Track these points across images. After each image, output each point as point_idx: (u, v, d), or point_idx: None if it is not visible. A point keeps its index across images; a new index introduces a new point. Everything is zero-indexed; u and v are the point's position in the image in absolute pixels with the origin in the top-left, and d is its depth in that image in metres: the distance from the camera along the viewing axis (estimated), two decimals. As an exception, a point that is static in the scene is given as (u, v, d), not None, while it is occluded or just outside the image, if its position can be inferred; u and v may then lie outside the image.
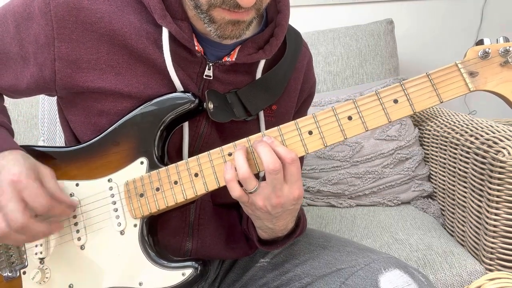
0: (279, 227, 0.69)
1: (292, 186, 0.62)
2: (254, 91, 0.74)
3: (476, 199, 1.04)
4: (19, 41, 0.70)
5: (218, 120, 0.70)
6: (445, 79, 0.62)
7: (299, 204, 0.66)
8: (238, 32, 0.65)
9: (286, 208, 0.64)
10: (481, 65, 0.63)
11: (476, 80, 0.63)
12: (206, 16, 0.63)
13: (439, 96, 0.62)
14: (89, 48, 0.67)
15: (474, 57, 0.63)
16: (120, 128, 0.70)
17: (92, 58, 0.68)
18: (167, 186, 0.66)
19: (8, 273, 0.70)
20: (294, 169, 0.61)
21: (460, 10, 1.83)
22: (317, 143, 0.63)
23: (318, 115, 0.63)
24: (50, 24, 0.67)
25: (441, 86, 0.62)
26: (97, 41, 0.67)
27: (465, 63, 0.63)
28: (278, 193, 0.61)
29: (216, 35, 0.65)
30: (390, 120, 0.63)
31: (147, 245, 0.67)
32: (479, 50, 0.63)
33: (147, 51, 0.68)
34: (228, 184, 0.62)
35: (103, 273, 0.68)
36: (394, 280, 0.65)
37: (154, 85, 0.69)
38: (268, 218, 0.66)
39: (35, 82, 0.70)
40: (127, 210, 0.68)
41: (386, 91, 0.63)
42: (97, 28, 0.67)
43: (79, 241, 0.69)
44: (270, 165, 0.59)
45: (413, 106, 0.62)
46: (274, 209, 0.63)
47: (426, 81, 0.62)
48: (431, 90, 0.62)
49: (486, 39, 0.64)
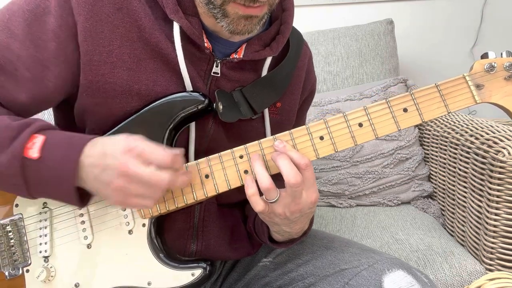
0: (295, 230, 0.70)
1: (308, 190, 0.62)
2: (259, 88, 0.74)
3: (476, 199, 1.04)
4: (31, 41, 0.65)
5: (228, 120, 0.71)
6: (453, 90, 0.65)
7: (314, 208, 0.66)
8: (250, 27, 0.65)
9: (304, 213, 0.64)
10: (486, 78, 0.65)
11: (482, 92, 0.65)
12: (220, 11, 0.63)
13: (447, 106, 0.64)
14: (102, 39, 0.65)
15: (480, 70, 0.65)
16: (129, 127, 0.69)
17: (104, 50, 0.66)
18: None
19: (10, 271, 0.70)
20: (309, 174, 0.61)
21: (460, 10, 1.83)
22: (328, 149, 0.65)
23: (329, 121, 0.65)
24: (71, 14, 0.64)
25: (449, 97, 0.65)
26: (110, 33, 0.66)
27: (472, 76, 0.65)
28: (297, 201, 0.62)
29: (228, 30, 0.65)
30: (399, 128, 0.65)
31: (156, 245, 0.67)
32: (485, 64, 0.65)
33: (159, 45, 0.67)
34: (250, 199, 0.62)
35: (110, 272, 0.68)
36: (397, 281, 0.66)
37: (163, 82, 0.68)
38: (286, 223, 0.66)
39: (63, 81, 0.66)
40: (136, 210, 0.68)
41: (396, 100, 0.65)
42: (114, 19, 0.66)
43: (86, 240, 0.69)
44: (291, 180, 0.60)
45: (422, 116, 0.64)
46: (292, 214, 0.63)
47: (435, 92, 0.65)
48: (440, 101, 0.64)
49: (491, 52, 0.67)
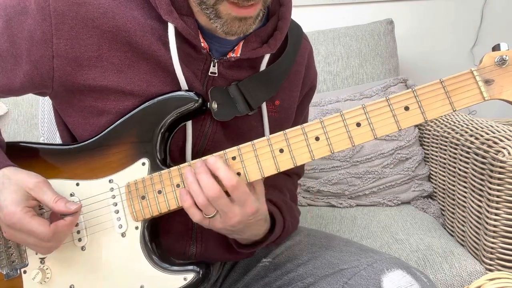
0: (248, 236, 0.70)
1: (243, 206, 0.61)
2: (255, 83, 0.72)
3: (476, 199, 1.04)
4: (9, 37, 0.67)
5: (222, 119, 0.70)
6: (459, 87, 0.59)
7: (259, 216, 0.65)
8: (245, 27, 0.64)
9: (246, 223, 0.64)
10: (497, 72, 0.60)
11: (491, 88, 0.60)
12: (213, 11, 0.62)
13: (452, 104, 0.59)
14: (90, 45, 0.65)
15: (490, 64, 0.60)
16: (121, 127, 0.68)
17: (93, 55, 0.65)
18: (169, 188, 0.65)
19: (8, 272, 0.70)
20: (238, 193, 0.60)
21: (460, 10, 1.83)
22: (323, 150, 0.61)
23: (325, 120, 0.61)
24: (48, 20, 0.64)
25: (454, 94, 0.59)
26: (98, 38, 0.65)
27: (481, 70, 0.60)
28: (230, 215, 0.61)
29: (223, 31, 0.64)
30: (400, 128, 0.60)
31: (149, 248, 0.67)
32: (496, 57, 0.60)
33: (152, 48, 0.66)
34: (188, 211, 0.63)
35: (104, 275, 0.67)
36: (396, 280, 0.65)
37: (158, 83, 0.68)
38: (232, 233, 0.67)
39: (30, 80, 0.67)
40: (129, 213, 0.67)
41: (397, 98, 0.60)
42: (99, 24, 0.65)
43: (80, 242, 0.68)
44: (209, 193, 0.60)
45: (425, 114, 0.60)
46: (233, 227, 0.63)
47: (439, 88, 0.60)
48: (444, 98, 0.59)
49: (503, 44, 0.61)
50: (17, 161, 0.68)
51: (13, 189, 0.62)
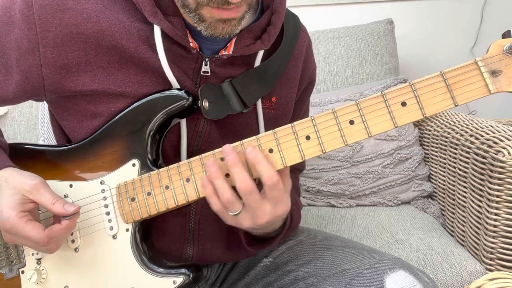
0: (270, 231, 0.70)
1: (276, 205, 0.59)
2: (249, 79, 0.70)
3: (476, 199, 1.04)
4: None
5: (215, 117, 0.68)
6: (461, 79, 0.54)
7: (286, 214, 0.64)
8: (230, 29, 0.62)
9: (272, 222, 0.63)
10: (505, 62, 0.53)
11: (498, 80, 0.53)
12: (195, 15, 0.61)
13: (454, 98, 0.54)
14: (77, 51, 0.64)
15: (498, 53, 0.53)
16: (112, 128, 0.67)
17: (81, 61, 0.65)
18: (158, 190, 0.64)
19: (7, 272, 0.70)
20: (276, 193, 0.58)
21: (460, 10, 1.83)
22: (314, 149, 0.58)
23: (316, 118, 0.58)
24: (34, 29, 0.63)
25: (456, 87, 0.54)
26: (84, 43, 0.64)
27: (487, 60, 0.54)
28: (258, 213, 0.59)
29: (207, 34, 0.63)
30: (396, 125, 0.56)
31: (140, 250, 0.66)
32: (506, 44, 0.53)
33: (139, 50, 0.65)
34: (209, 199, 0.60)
35: (96, 276, 0.67)
36: (399, 281, 0.65)
37: (149, 83, 0.67)
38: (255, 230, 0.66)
39: (22, 90, 0.67)
40: (119, 214, 0.66)
41: (394, 92, 0.56)
42: (84, 29, 0.64)
43: (73, 244, 0.68)
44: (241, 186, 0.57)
45: (423, 110, 0.55)
46: (260, 225, 0.61)
47: (440, 81, 0.54)
48: (445, 92, 0.54)
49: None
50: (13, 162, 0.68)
51: (10, 193, 0.62)
